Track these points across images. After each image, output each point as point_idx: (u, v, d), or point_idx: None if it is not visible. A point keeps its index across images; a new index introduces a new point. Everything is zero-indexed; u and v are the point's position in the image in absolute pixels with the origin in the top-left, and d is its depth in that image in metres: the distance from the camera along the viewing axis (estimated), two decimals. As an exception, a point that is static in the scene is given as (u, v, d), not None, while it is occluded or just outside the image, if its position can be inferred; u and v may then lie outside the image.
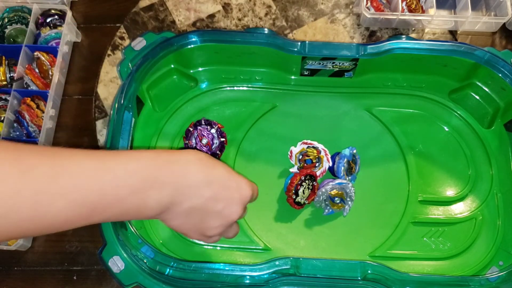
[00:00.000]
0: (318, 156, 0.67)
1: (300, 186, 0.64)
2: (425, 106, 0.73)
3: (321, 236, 0.66)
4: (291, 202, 0.65)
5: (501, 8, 0.77)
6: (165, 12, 0.81)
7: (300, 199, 0.65)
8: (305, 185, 0.64)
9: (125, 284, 0.59)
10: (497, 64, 0.67)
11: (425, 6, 0.78)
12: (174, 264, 0.56)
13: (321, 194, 0.64)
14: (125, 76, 0.67)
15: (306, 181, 0.64)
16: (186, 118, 0.72)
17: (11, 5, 0.77)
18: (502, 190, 0.68)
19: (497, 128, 0.71)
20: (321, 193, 0.64)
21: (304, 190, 0.64)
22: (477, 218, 0.67)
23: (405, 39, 0.68)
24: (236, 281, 0.56)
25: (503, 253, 0.65)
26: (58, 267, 0.65)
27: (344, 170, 0.66)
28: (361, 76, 0.72)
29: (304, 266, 0.57)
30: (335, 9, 0.81)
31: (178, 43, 0.68)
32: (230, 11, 0.80)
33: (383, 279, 0.56)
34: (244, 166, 0.70)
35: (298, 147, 0.67)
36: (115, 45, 0.78)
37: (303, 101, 0.74)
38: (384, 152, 0.71)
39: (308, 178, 0.65)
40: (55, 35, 0.75)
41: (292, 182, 0.63)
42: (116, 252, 0.59)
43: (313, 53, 0.68)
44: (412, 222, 0.67)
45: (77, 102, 0.75)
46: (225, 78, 0.74)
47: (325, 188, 0.64)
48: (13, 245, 0.62)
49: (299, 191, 0.64)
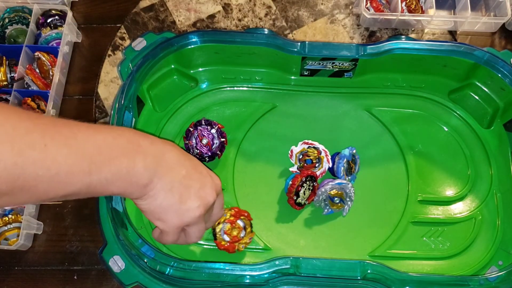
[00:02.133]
0: (318, 156, 0.67)
1: (301, 188, 0.64)
2: (424, 106, 0.73)
3: (321, 236, 0.66)
4: (291, 203, 0.65)
5: (501, 9, 0.77)
6: (166, 12, 0.81)
7: (301, 200, 0.65)
8: (305, 186, 0.64)
9: (125, 284, 0.59)
10: (496, 64, 0.67)
11: (424, 6, 0.78)
12: (175, 263, 0.56)
13: (321, 194, 0.64)
14: (126, 76, 0.67)
15: (307, 182, 0.65)
16: (186, 118, 0.72)
17: (12, 6, 0.77)
18: (501, 190, 0.68)
19: (496, 128, 0.71)
20: (320, 193, 0.64)
21: (304, 191, 0.64)
22: (477, 218, 0.67)
23: (405, 40, 0.68)
24: (236, 280, 0.56)
25: (502, 252, 0.65)
26: (58, 267, 0.66)
27: (344, 170, 0.66)
28: (360, 76, 0.73)
29: (304, 266, 0.57)
30: (335, 9, 0.81)
31: (178, 43, 0.68)
32: (230, 12, 0.81)
33: (382, 279, 0.56)
34: (244, 166, 0.70)
35: (298, 146, 0.68)
36: (116, 45, 0.79)
37: (303, 101, 0.74)
38: (384, 152, 0.71)
39: (308, 179, 0.65)
40: (56, 35, 0.75)
41: (293, 183, 0.64)
42: (116, 251, 0.60)
43: (313, 53, 0.68)
44: (412, 221, 0.67)
45: (78, 102, 0.75)
46: (225, 78, 0.74)
47: (324, 188, 0.64)
48: (13, 245, 0.62)
49: (300, 192, 0.64)
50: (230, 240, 0.62)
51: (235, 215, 0.63)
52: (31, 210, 0.66)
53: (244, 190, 0.68)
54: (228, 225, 0.62)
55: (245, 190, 0.68)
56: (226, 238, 0.62)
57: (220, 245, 0.62)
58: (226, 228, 0.62)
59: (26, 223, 0.64)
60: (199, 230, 0.51)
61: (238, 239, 0.62)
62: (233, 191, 0.68)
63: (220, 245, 0.62)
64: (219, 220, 0.62)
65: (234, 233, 0.62)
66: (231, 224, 0.62)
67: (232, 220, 0.62)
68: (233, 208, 0.64)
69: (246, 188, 0.68)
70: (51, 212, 0.68)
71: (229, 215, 0.62)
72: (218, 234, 0.62)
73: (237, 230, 0.62)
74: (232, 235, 0.62)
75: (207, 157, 0.68)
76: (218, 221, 0.62)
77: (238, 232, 0.62)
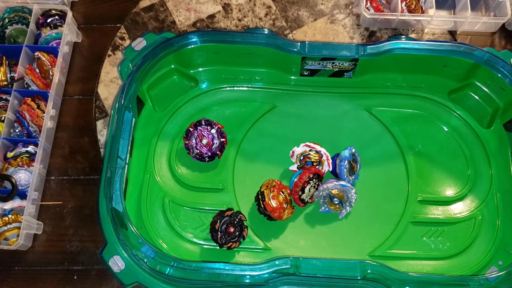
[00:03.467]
0: (319, 160, 0.67)
1: (307, 184, 0.64)
2: (424, 106, 0.73)
3: (321, 236, 0.66)
4: (296, 198, 0.64)
5: (501, 9, 0.77)
6: (165, 12, 0.81)
7: (305, 196, 0.65)
8: (312, 183, 0.65)
9: (125, 284, 0.59)
10: (496, 64, 0.67)
11: (424, 6, 0.78)
12: (175, 263, 0.56)
13: (322, 190, 0.64)
14: (126, 76, 0.67)
15: (314, 179, 0.65)
16: (186, 118, 0.73)
17: (12, 6, 0.77)
18: (501, 190, 0.68)
19: (496, 128, 0.71)
20: (322, 188, 0.64)
21: (310, 188, 0.64)
22: (477, 218, 0.67)
23: (405, 40, 0.68)
24: (236, 280, 0.56)
25: (502, 252, 0.65)
26: (58, 267, 0.66)
27: (347, 171, 0.66)
28: (360, 76, 0.73)
29: (304, 266, 0.57)
30: (335, 9, 0.81)
31: (178, 43, 0.68)
32: (230, 12, 0.81)
33: (382, 279, 0.56)
34: (244, 166, 0.70)
35: (300, 148, 0.68)
36: (116, 45, 0.79)
37: (303, 101, 0.74)
38: (384, 152, 0.71)
39: (315, 177, 0.65)
40: (56, 35, 0.75)
41: (301, 178, 0.64)
42: (116, 251, 0.60)
43: (313, 53, 0.68)
44: (412, 222, 0.67)
45: (78, 102, 0.75)
46: (225, 78, 0.74)
47: (327, 185, 0.64)
48: (13, 245, 0.62)
49: (305, 188, 0.64)
50: (277, 206, 0.63)
51: (279, 187, 0.64)
52: (31, 210, 0.66)
53: (244, 190, 0.68)
54: (275, 192, 0.63)
55: (245, 190, 0.68)
56: (274, 203, 0.63)
57: (268, 206, 0.63)
58: (273, 194, 0.63)
59: (26, 223, 0.64)
60: None
61: (284, 208, 0.63)
62: (233, 191, 0.68)
63: (268, 206, 0.63)
64: (267, 184, 0.63)
65: (280, 198, 0.63)
66: (277, 191, 0.63)
67: (277, 188, 0.64)
68: (275, 180, 0.65)
69: (246, 188, 0.69)
70: (51, 212, 0.68)
71: (275, 183, 0.64)
72: (266, 197, 0.63)
73: (282, 198, 0.63)
74: (279, 201, 0.63)
75: (207, 157, 0.68)
76: (266, 184, 0.63)
77: (282, 201, 0.63)
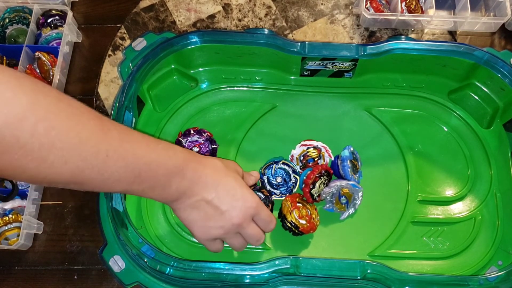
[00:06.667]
0: (319, 154, 0.67)
1: (318, 179, 0.64)
2: (424, 106, 0.74)
3: (321, 235, 0.66)
4: (306, 191, 0.64)
5: (500, 9, 0.77)
6: (166, 12, 0.81)
7: (315, 192, 0.64)
8: (322, 180, 0.64)
9: (125, 284, 0.59)
10: (496, 64, 0.67)
11: (424, 6, 0.78)
12: (175, 263, 0.56)
13: (334, 186, 0.64)
14: (126, 76, 0.67)
15: (324, 175, 0.65)
16: (187, 118, 0.73)
17: (12, 6, 0.77)
18: (501, 190, 0.68)
19: (496, 128, 0.72)
20: (334, 185, 0.64)
21: (320, 184, 0.64)
22: (476, 218, 0.67)
23: (405, 40, 0.68)
24: (236, 280, 0.56)
25: (502, 252, 0.65)
26: (58, 267, 0.66)
27: (351, 170, 0.66)
28: (360, 76, 0.73)
29: (304, 266, 0.57)
30: (335, 9, 0.81)
31: (178, 43, 0.69)
32: (230, 12, 0.81)
33: (382, 279, 0.57)
34: (244, 166, 0.69)
35: (297, 149, 0.68)
36: (116, 45, 0.79)
37: (303, 102, 0.74)
38: (384, 152, 0.71)
39: (326, 174, 0.65)
40: (56, 36, 0.75)
41: (314, 172, 0.64)
42: (116, 251, 0.60)
43: (313, 53, 0.68)
44: (412, 221, 0.67)
45: (78, 102, 0.75)
46: (225, 79, 0.74)
47: (340, 182, 0.64)
48: (14, 245, 0.62)
49: (316, 183, 0.64)
50: (308, 221, 0.63)
51: (293, 201, 0.64)
52: (31, 210, 0.66)
53: (244, 190, 0.68)
54: (296, 211, 0.63)
55: (245, 190, 0.68)
56: (303, 222, 0.62)
57: (305, 229, 0.62)
58: (297, 215, 0.63)
59: (26, 223, 0.64)
60: (238, 243, 0.56)
61: (310, 217, 0.63)
62: (233, 191, 0.68)
63: (305, 229, 0.62)
64: (287, 210, 0.63)
65: (304, 213, 0.63)
66: (297, 209, 0.63)
67: (294, 206, 0.63)
68: (287, 196, 0.65)
69: (246, 188, 0.68)
70: (51, 212, 0.68)
71: (290, 203, 0.63)
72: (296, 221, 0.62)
73: (304, 210, 0.63)
74: (306, 216, 0.63)
75: None
76: (287, 210, 0.63)
77: (306, 211, 0.63)
